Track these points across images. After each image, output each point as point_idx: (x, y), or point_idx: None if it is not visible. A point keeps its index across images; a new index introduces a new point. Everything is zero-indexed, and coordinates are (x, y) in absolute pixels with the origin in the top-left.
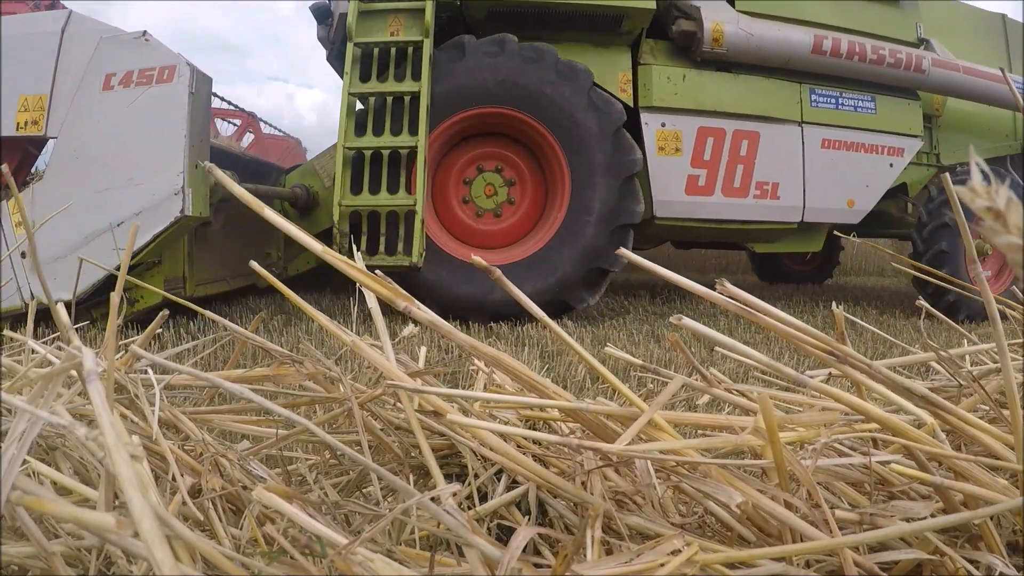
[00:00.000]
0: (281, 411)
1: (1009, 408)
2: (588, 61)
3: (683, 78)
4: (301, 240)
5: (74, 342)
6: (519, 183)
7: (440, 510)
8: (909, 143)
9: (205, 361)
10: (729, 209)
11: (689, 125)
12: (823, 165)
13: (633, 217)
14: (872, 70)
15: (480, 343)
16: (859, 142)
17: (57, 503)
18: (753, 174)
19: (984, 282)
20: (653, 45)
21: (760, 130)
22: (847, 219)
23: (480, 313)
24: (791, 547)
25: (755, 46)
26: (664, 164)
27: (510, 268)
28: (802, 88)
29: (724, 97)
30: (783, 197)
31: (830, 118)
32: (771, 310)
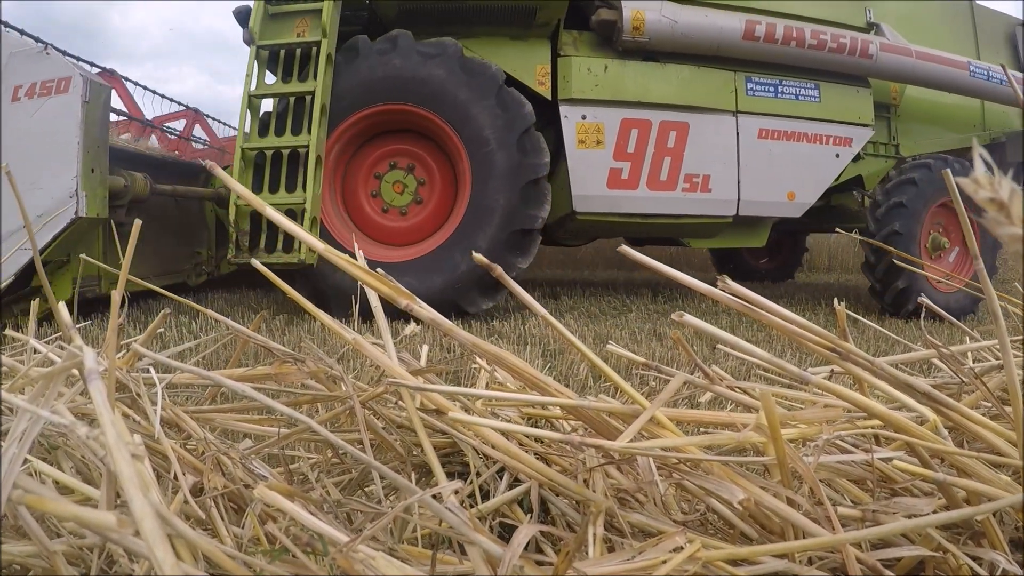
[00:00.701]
0: (283, 409)
1: (1012, 404)
2: (504, 55)
3: (605, 69)
4: (302, 238)
5: (75, 341)
6: (428, 181)
7: (442, 508)
8: (858, 132)
9: (207, 360)
10: (656, 203)
11: (612, 117)
12: (760, 156)
13: (533, 223)
14: (813, 56)
15: (482, 341)
16: (801, 132)
17: (59, 502)
18: (682, 166)
19: (986, 277)
20: (577, 36)
21: (690, 121)
22: (788, 212)
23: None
24: (793, 543)
25: (680, 34)
26: (584, 158)
27: (404, 266)
28: (737, 76)
29: (650, 87)
30: (715, 190)
31: (768, 107)
32: (774, 307)
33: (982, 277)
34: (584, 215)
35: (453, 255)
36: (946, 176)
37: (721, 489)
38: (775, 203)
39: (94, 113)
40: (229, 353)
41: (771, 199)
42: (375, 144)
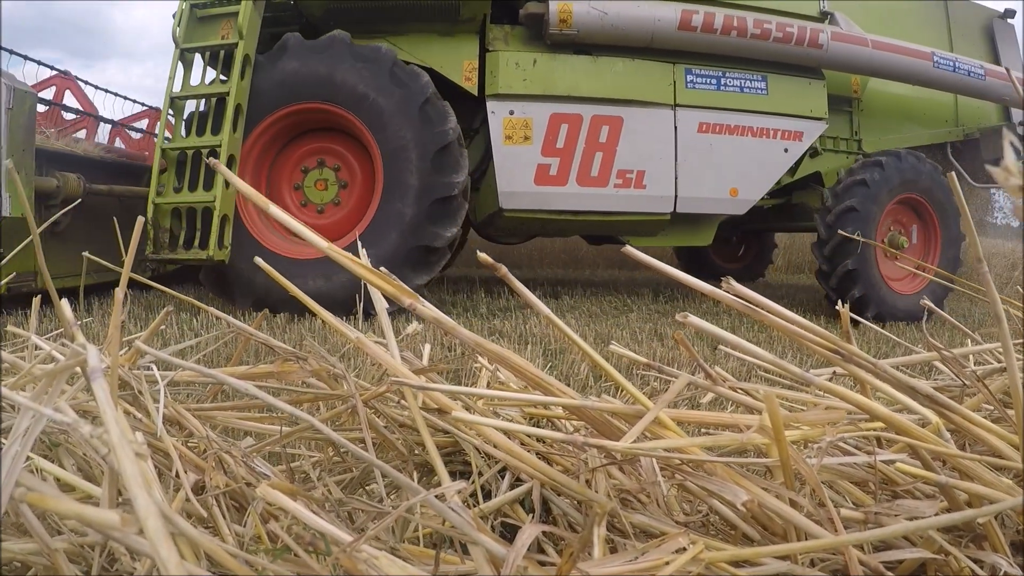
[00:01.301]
0: (286, 407)
1: (1014, 407)
2: (433, 52)
3: (533, 63)
4: (305, 236)
5: (78, 339)
6: (350, 183)
7: (445, 507)
8: (810, 126)
9: (208, 358)
10: (586, 200)
11: (540, 112)
12: (700, 151)
13: (450, 189)
14: (757, 46)
15: (484, 340)
16: (746, 125)
17: (61, 500)
18: (614, 162)
19: (989, 280)
20: (509, 31)
21: (624, 115)
22: (731, 210)
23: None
24: (796, 545)
25: (610, 25)
26: (511, 154)
27: (315, 263)
28: (676, 68)
29: (581, 81)
30: (650, 186)
31: (710, 100)
32: (777, 308)
33: (985, 280)
34: (511, 212)
35: (379, 237)
36: (951, 179)
37: (724, 490)
38: (716, 200)
39: (18, 119)
40: (231, 351)
41: (712, 196)
42: (303, 141)
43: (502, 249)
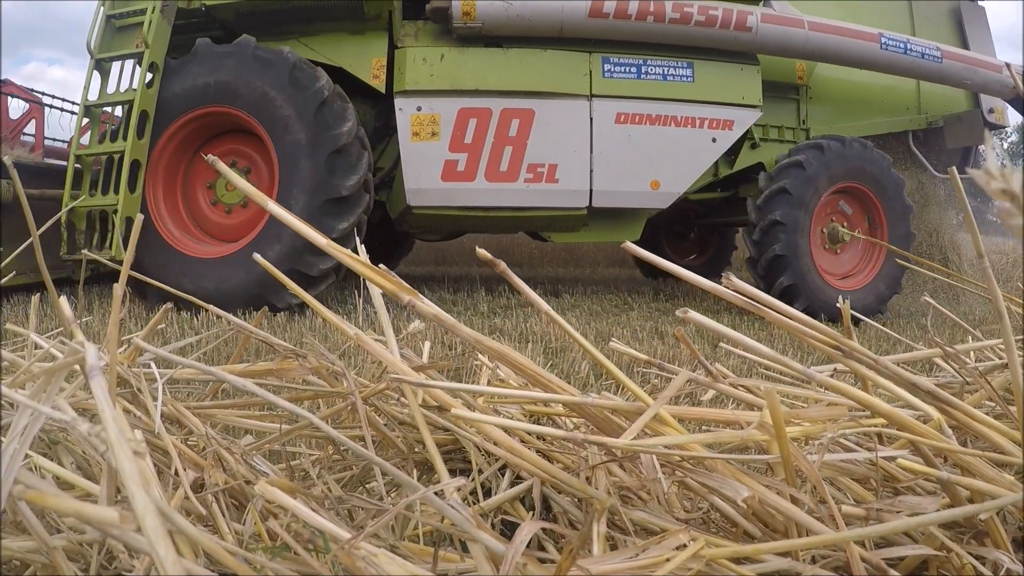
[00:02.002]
0: (285, 405)
1: (1015, 404)
2: (342, 51)
3: (441, 58)
4: (305, 234)
5: (77, 336)
6: (257, 178)
7: (445, 504)
8: (742, 114)
9: (208, 356)
10: (495, 195)
11: (448, 107)
12: (618, 143)
13: (339, 191)
14: (677, 31)
15: (484, 337)
16: (668, 115)
17: (59, 497)
18: (524, 156)
19: (991, 277)
20: (420, 27)
21: (535, 107)
22: (652, 203)
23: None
24: (797, 541)
25: (515, 16)
26: (418, 150)
27: (227, 260)
28: (592, 58)
29: (490, 74)
30: (563, 180)
31: (629, 90)
32: (778, 304)
33: (986, 275)
34: (420, 209)
35: (273, 235)
36: (952, 174)
37: (725, 487)
38: (636, 193)
39: None
40: (230, 349)
41: (631, 189)
42: (219, 143)
43: (502, 248)
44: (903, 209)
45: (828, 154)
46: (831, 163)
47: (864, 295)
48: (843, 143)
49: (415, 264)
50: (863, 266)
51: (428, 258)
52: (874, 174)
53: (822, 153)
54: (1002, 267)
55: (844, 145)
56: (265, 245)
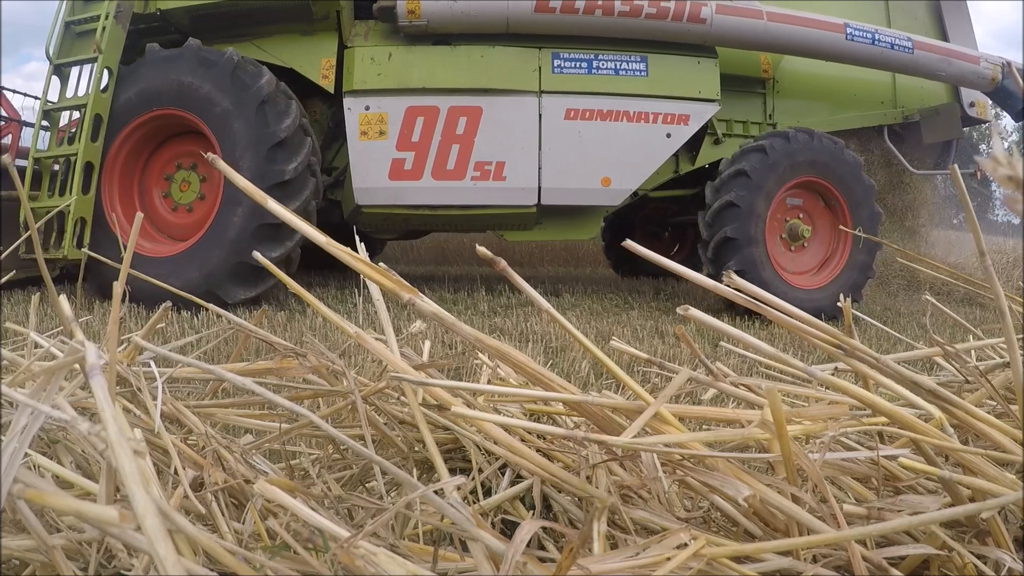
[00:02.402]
0: (285, 404)
1: (1017, 403)
2: (293, 52)
3: (389, 57)
4: (305, 232)
5: (77, 335)
6: (208, 181)
7: (444, 503)
8: (698, 108)
9: (208, 355)
10: (442, 194)
11: (396, 106)
12: (568, 140)
13: (283, 175)
14: (628, 24)
15: (485, 336)
16: (621, 110)
17: (59, 496)
18: (472, 154)
19: (993, 275)
20: (371, 27)
21: (483, 105)
22: (603, 200)
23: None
24: (798, 540)
25: (460, 12)
26: (366, 149)
27: (177, 258)
28: (542, 54)
29: (437, 72)
30: (511, 178)
31: (579, 85)
32: (779, 303)
33: (988, 273)
34: (369, 208)
35: (222, 230)
36: (953, 172)
37: (726, 486)
38: (586, 191)
39: None
40: (231, 348)
41: (580, 186)
42: (174, 144)
43: (502, 247)
44: (863, 191)
45: (773, 154)
46: (777, 163)
47: (836, 289)
48: (787, 138)
49: (415, 263)
50: (831, 260)
51: (428, 257)
52: (826, 164)
53: (765, 155)
54: (1002, 266)
55: (789, 140)
56: (213, 242)
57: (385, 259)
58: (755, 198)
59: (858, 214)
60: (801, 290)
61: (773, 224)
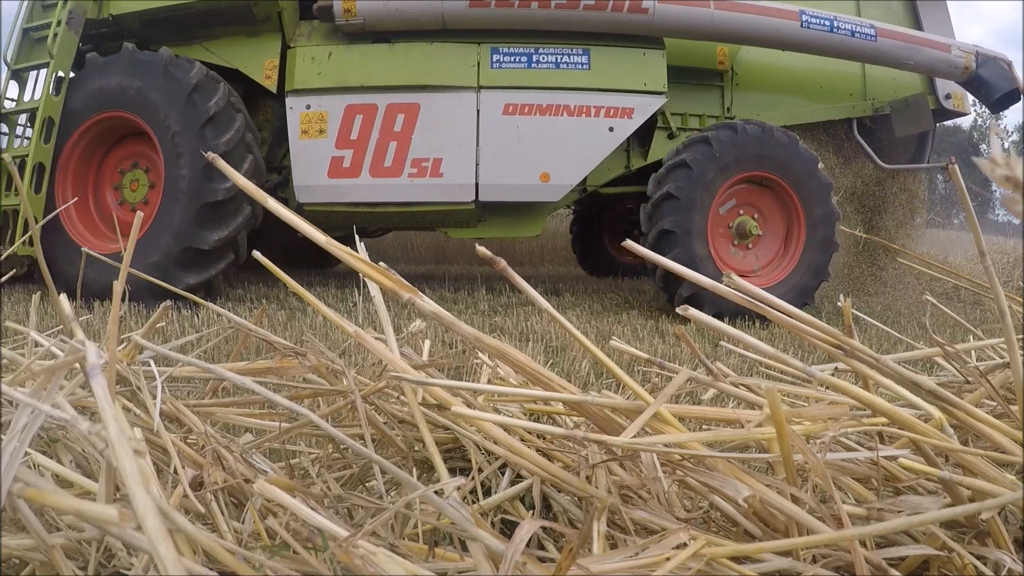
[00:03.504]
0: (285, 403)
1: (1017, 403)
2: (239, 54)
3: (329, 56)
4: (305, 231)
5: (77, 335)
6: (155, 173)
7: (444, 503)
8: (643, 101)
9: (208, 354)
10: (380, 191)
11: (336, 105)
12: (506, 135)
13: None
14: (565, 16)
15: (485, 335)
16: (561, 104)
17: (58, 495)
18: (409, 151)
19: (993, 274)
20: (315, 27)
21: (421, 101)
22: (542, 196)
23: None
24: (798, 540)
25: (395, 10)
26: (306, 148)
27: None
28: (481, 49)
29: (376, 70)
30: (448, 174)
31: (519, 79)
32: (779, 303)
33: (989, 274)
34: (310, 206)
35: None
36: (952, 172)
37: (726, 486)
38: (524, 186)
39: None
40: (231, 347)
41: (519, 182)
42: (125, 146)
43: (502, 246)
44: (819, 188)
45: (717, 146)
46: (721, 156)
47: (782, 290)
48: (734, 130)
49: (416, 262)
50: (779, 260)
51: (429, 256)
52: (775, 157)
53: (709, 146)
54: (1003, 266)
55: (736, 132)
56: (157, 236)
57: (385, 258)
58: (696, 190)
59: (812, 212)
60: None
61: (719, 219)
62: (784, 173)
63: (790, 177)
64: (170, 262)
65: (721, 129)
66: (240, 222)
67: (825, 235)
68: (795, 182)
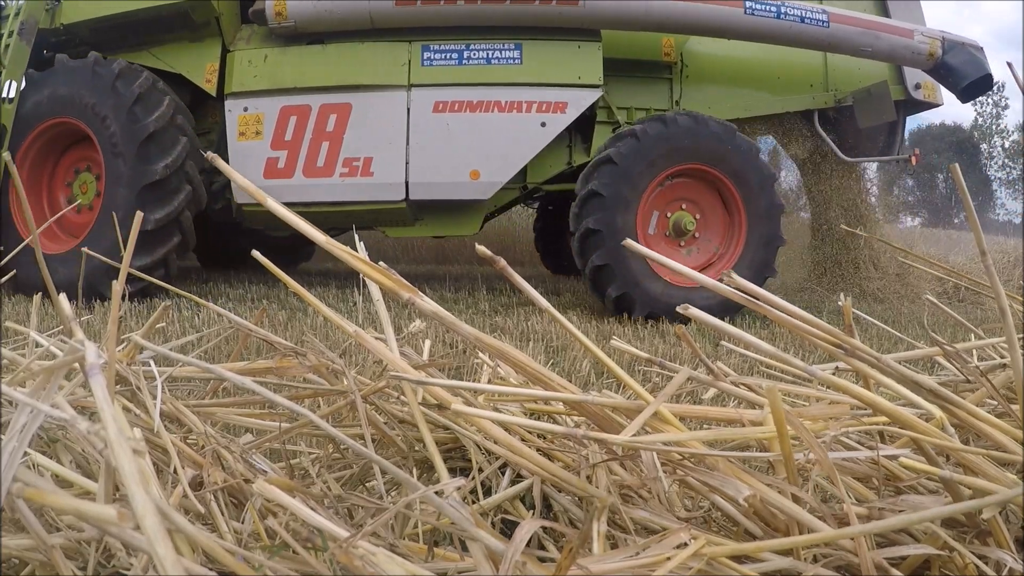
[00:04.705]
0: (285, 403)
1: (1017, 402)
2: (182, 59)
3: (264, 59)
4: (304, 231)
5: (77, 335)
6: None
7: (444, 503)
8: (577, 95)
9: (208, 354)
10: (312, 191)
11: (271, 106)
12: (436, 133)
13: (144, 131)
14: (493, 11)
15: (485, 335)
16: (492, 100)
17: (58, 495)
18: (341, 151)
19: (994, 273)
20: (255, 30)
21: (352, 101)
22: (472, 194)
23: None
24: (798, 539)
25: (324, 11)
26: (244, 149)
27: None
28: (412, 47)
29: (308, 71)
30: (378, 173)
31: (449, 77)
32: (779, 302)
33: (990, 273)
34: (247, 206)
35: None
36: (954, 171)
37: (726, 485)
38: (454, 184)
39: None
40: (231, 347)
41: (448, 180)
42: (77, 149)
43: (502, 246)
44: (760, 179)
45: (645, 140)
46: (648, 150)
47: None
48: (664, 122)
49: (416, 262)
50: (721, 257)
51: (429, 256)
52: (712, 150)
53: (636, 140)
54: (1003, 266)
55: (666, 125)
56: (105, 225)
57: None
58: (621, 187)
59: (754, 205)
60: (680, 288)
61: (651, 215)
62: (720, 165)
63: (727, 169)
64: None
65: (650, 122)
66: (181, 201)
67: (769, 229)
68: (733, 174)
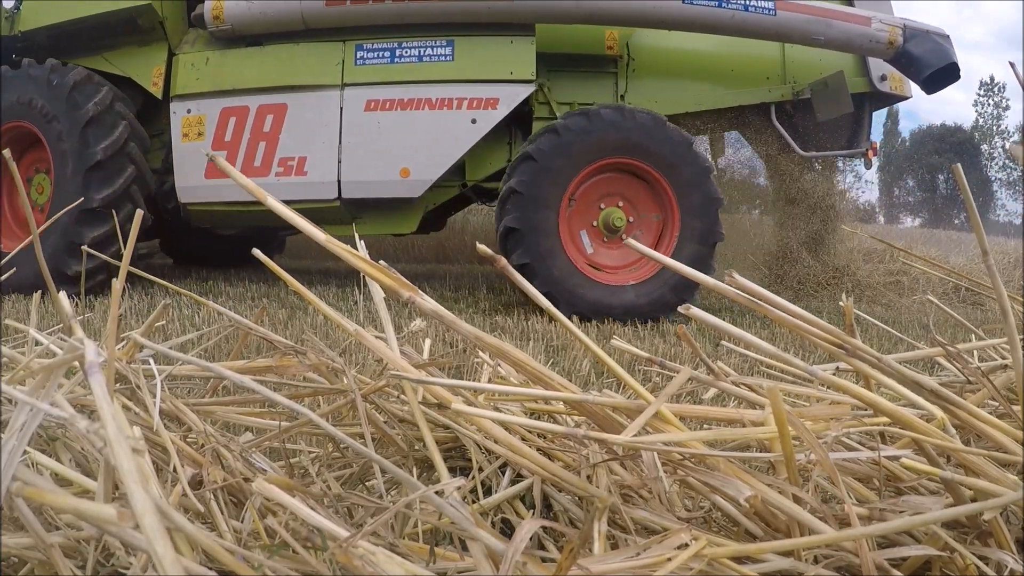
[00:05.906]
0: (285, 402)
1: (1018, 403)
2: (132, 62)
3: (206, 61)
4: (305, 229)
5: (76, 333)
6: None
7: (444, 503)
8: (508, 91)
9: (208, 353)
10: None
11: (212, 108)
12: (367, 131)
13: (85, 117)
14: (422, 9)
15: (485, 334)
16: (422, 98)
17: (57, 494)
18: (277, 150)
19: (996, 274)
20: (199, 34)
21: (288, 101)
22: (403, 192)
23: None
24: (799, 540)
25: (259, 13)
26: (187, 150)
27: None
28: (346, 47)
29: (247, 73)
30: (312, 172)
31: (381, 75)
32: (781, 302)
33: (991, 273)
34: (191, 205)
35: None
36: (955, 171)
37: (727, 486)
38: (385, 182)
39: None
40: (231, 346)
41: (379, 178)
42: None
43: None
44: (694, 172)
45: (566, 135)
46: (568, 145)
47: (653, 287)
48: (587, 116)
49: (416, 261)
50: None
51: (429, 255)
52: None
53: (557, 136)
54: (1004, 267)
55: (588, 118)
56: (50, 233)
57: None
58: (541, 184)
59: (687, 199)
60: (606, 287)
61: (578, 212)
62: (649, 158)
63: (657, 162)
64: (72, 224)
65: (572, 116)
66: (126, 178)
67: (704, 224)
68: (664, 168)
